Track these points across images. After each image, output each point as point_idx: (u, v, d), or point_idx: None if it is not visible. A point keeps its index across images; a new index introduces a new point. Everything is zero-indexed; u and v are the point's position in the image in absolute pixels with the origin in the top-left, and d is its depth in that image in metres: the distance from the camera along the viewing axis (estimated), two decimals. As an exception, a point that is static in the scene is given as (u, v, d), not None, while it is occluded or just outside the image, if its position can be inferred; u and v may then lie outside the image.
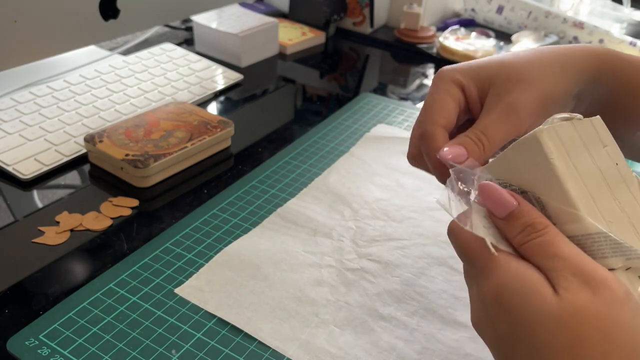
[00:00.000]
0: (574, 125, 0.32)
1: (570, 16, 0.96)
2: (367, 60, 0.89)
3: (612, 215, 0.31)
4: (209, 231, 0.48)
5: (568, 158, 0.31)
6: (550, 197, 0.31)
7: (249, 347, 0.38)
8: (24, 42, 0.53)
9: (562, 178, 0.30)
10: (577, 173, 0.31)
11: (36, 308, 0.40)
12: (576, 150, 0.31)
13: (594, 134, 0.32)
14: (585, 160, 0.31)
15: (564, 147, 0.31)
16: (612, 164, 0.32)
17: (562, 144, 0.31)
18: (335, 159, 0.59)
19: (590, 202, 0.30)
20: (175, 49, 0.77)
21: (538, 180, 0.32)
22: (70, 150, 0.55)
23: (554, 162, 0.30)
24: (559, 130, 0.31)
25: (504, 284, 0.28)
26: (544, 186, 0.31)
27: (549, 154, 0.31)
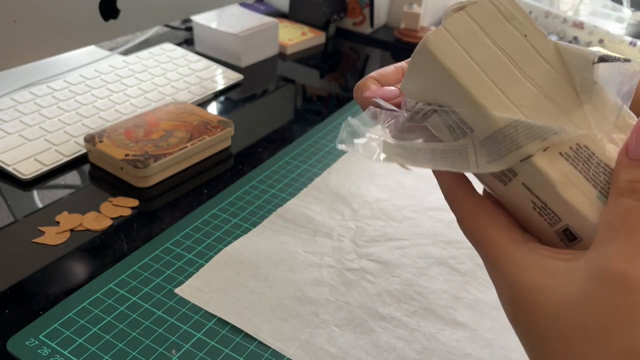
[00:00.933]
0: (467, 13, 0.30)
1: (570, 16, 0.96)
2: (367, 60, 0.89)
3: (524, 98, 0.29)
4: (209, 231, 0.48)
5: (465, 54, 0.29)
6: (459, 104, 0.29)
7: (249, 347, 0.38)
8: (24, 42, 0.53)
9: (463, 81, 0.28)
10: (478, 67, 0.29)
11: (36, 308, 0.40)
12: (473, 41, 0.29)
13: (494, 12, 0.30)
14: (486, 49, 0.29)
15: (458, 44, 0.29)
16: (519, 38, 0.30)
17: (454, 41, 0.29)
18: (335, 159, 0.59)
19: (497, 94, 0.28)
20: (175, 49, 0.77)
21: (444, 89, 0.30)
22: (70, 150, 0.56)
23: (449, 66, 0.29)
24: (449, 27, 0.29)
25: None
26: (451, 94, 0.29)
27: (442, 60, 0.29)
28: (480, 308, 0.42)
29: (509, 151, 0.27)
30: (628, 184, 0.26)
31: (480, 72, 0.29)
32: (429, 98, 0.31)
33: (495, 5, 0.30)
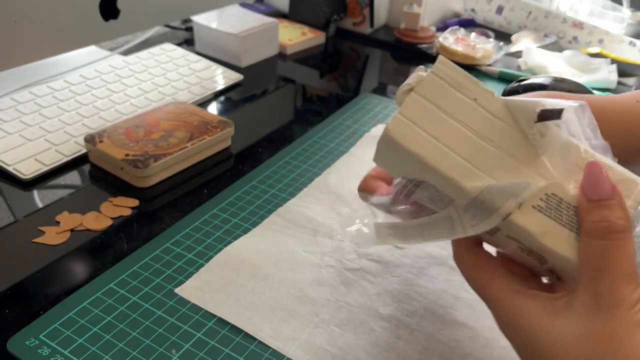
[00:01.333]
0: (417, 93, 0.31)
1: (570, 16, 0.96)
2: (367, 60, 0.89)
3: (488, 162, 0.30)
4: (209, 231, 0.48)
5: (425, 134, 0.30)
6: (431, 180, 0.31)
7: (249, 346, 0.38)
8: (24, 42, 0.53)
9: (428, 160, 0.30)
10: (439, 144, 0.30)
11: (36, 308, 0.40)
12: (429, 119, 0.30)
13: (441, 85, 0.31)
14: (443, 123, 0.30)
15: (416, 126, 0.30)
16: (470, 103, 0.31)
17: (412, 124, 0.30)
18: (335, 159, 0.59)
19: (463, 164, 0.30)
20: (176, 49, 0.77)
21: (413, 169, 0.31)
22: (70, 150, 0.56)
23: (413, 150, 0.30)
24: (405, 113, 0.31)
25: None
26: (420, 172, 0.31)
27: (405, 145, 0.30)
28: (480, 308, 0.42)
29: (490, 214, 0.29)
30: (593, 224, 0.28)
31: (443, 147, 0.30)
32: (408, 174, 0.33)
33: (441, 78, 0.32)
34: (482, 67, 0.84)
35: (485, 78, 0.83)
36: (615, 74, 0.83)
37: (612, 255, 0.27)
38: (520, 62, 0.87)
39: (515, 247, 0.31)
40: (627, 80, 0.87)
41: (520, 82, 0.74)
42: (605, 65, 0.85)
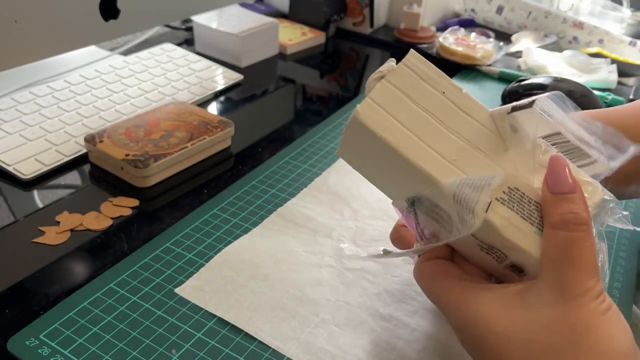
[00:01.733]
0: (387, 81, 0.31)
1: (570, 16, 0.96)
2: (367, 60, 0.89)
3: (454, 152, 0.30)
4: (209, 231, 0.48)
5: (393, 120, 0.31)
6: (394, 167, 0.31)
7: (249, 346, 0.38)
8: (25, 42, 0.53)
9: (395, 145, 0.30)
10: (407, 130, 0.30)
11: (36, 308, 0.40)
12: (398, 106, 0.31)
13: (411, 77, 0.32)
14: (411, 112, 0.31)
15: (385, 112, 0.31)
16: (437, 95, 0.31)
17: (381, 109, 0.31)
18: (335, 159, 0.59)
19: (429, 152, 0.30)
20: (176, 49, 0.77)
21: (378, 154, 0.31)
22: (70, 150, 0.56)
23: (380, 134, 0.30)
24: (374, 97, 0.31)
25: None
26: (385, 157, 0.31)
27: (373, 129, 0.30)
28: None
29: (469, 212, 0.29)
30: (559, 216, 0.28)
31: (410, 134, 0.30)
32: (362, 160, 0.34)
33: (411, 69, 0.32)
34: (482, 67, 0.84)
35: (485, 78, 0.83)
36: (615, 74, 0.83)
37: (578, 246, 0.28)
38: (520, 62, 0.87)
39: (475, 245, 0.31)
40: (627, 80, 0.87)
41: (520, 82, 0.74)
42: (605, 65, 0.85)
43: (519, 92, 0.73)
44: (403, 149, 0.30)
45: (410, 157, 0.30)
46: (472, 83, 0.81)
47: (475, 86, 0.80)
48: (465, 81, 0.81)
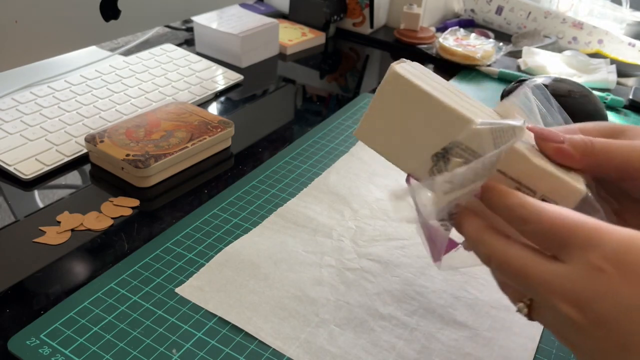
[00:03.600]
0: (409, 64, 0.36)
1: (569, 16, 0.96)
2: (367, 60, 0.89)
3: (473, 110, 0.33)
4: (210, 231, 0.48)
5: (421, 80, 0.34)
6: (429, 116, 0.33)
7: (249, 346, 0.38)
8: (25, 43, 0.53)
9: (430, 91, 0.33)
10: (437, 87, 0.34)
11: (37, 307, 0.40)
12: (421, 77, 0.34)
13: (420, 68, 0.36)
14: (430, 81, 0.34)
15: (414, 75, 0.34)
16: (443, 82, 0.36)
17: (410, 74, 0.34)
18: (335, 159, 0.59)
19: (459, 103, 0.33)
20: (176, 49, 0.77)
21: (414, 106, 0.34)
22: (71, 150, 0.56)
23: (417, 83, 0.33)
24: (398, 69, 0.34)
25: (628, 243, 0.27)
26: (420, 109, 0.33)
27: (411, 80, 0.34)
28: (479, 307, 0.42)
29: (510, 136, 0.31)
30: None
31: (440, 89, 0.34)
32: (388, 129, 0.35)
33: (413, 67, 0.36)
34: (482, 67, 0.84)
35: (485, 78, 0.83)
36: (615, 75, 0.83)
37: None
38: (519, 62, 0.87)
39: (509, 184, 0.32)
40: (626, 80, 0.87)
41: (520, 83, 0.74)
42: (604, 65, 0.85)
43: (518, 93, 0.73)
44: (439, 95, 0.33)
45: (447, 101, 0.32)
46: (472, 83, 0.81)
47: (475, 86, 0.80)
48: (465, 81, 0.81)
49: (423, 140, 0.34)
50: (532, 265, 0.28)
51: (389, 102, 0.35)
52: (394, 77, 0.34)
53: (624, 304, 0.26)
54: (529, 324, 0.39)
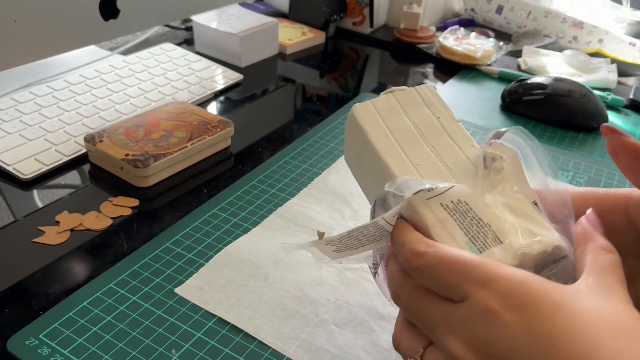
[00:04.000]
0: (394, 96, 0.36)
1: (570, 16, 0.96)
2: (367, 60, 0.89)
3: (421, 159, 0.33)
4: (209, 231, 0.48)
5: (381, 121, 0.34)
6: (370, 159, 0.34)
7: (249, 346, 0.38)
8: (25, 42, 0.53)
9: (372, 139, 0.34)
10: (388, 131, 0.34)
11: (36, 308, 0.40)
12: (391, 114, 0.35)
13: (416, 99, 0.36)
14: (400, 120, 0.34)
15: (377, 114, 0.35)
16: (432, 119, 0.35)
17: (375, 111, 0.35)
18: (335, 159, 0.59)
19: (398, 152, 0.33)
20: (176, 49, 0.77)
21: (362, 146, 0.35)
22: (70, 150, 0.56)
23: (365, 128, 0.34)
24: (375, 103, 0.35)
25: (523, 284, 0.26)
26: (365, 150, 0.34)
27: (360, 123, 0.34)
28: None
29: (400, 199, 0.30)
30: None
31: (390, 135, 0.34)
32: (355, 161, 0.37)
33: (419, 94, 0.36)
34: (482, 67, 0.84)
35: (485, 78, 0.83)
36: (616, 74, 0.83)
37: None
38: (520, 62, 0.87)
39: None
40: (627, 80, 0.87)
41: (521, 82, 0.74)
42: (605, 65, 0.85)
43: (519, 92, 0.73)
44: (376, 142, 0.33)
45: (380, 150, 0.33)
46: (472, 83, 0.81)
47: (475, 86, 0.80)
48: (465, 81, 0.81)
49: (373, 181, 0.35)
50: (434, 304, 0.28)
51: (350, 138, 0.37)
52: (350, 116, 0.35)
53: (515, 344, 0.25)
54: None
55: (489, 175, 0.31)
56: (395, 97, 0.35)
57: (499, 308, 0.25)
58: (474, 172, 0.32)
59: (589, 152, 0.65)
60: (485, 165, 0.32)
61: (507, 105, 0.74)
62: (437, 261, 0.28)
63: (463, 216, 0.30)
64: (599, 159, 0.64)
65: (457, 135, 0.34)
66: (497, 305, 0.25)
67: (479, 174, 0.32)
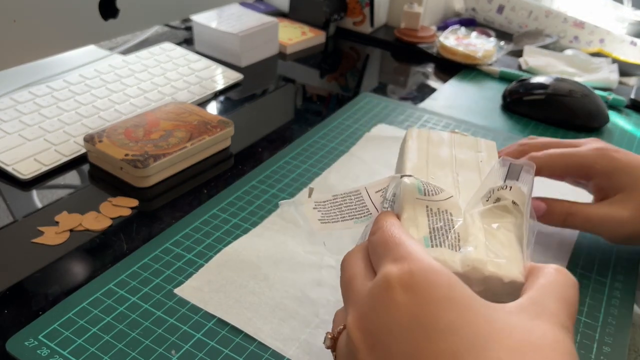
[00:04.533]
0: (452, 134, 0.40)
1: (570, 16, 0.96)
2: (367, 60, 0.89)
3: (438, 175, 0.35)
4: (209, 231, 0.47)
5: (425, 144, 0.38)
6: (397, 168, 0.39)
7: (248, 347, 0.38)
8: (24, 42, 0.53)
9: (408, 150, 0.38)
10: (426, 153, 0.37)
11: (36, 308, 0.40)
12: (439, 144, 0.38)
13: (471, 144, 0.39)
14: (442, 151, 0.37)
15: (427, 139, 0.38)
16: (475, 161, 0.37)
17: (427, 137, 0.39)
18: (335, 159, 0.59)
19: (423, 166, 0.36)
20: (175, 48, 0.77)
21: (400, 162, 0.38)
22: (69, 150, 0.55)
23: (408, 141, 0.38)
24: (431, 132, 0.39)
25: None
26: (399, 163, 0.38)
27: (407, 137, 0.39)
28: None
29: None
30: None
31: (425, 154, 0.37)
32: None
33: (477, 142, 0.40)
34: (483, 66, 0.84)
35: (486, 78, 0.83)
36: (617, 74, 0.82)
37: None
38: (520, 61, 0.87)
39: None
40: (628, 79, 0.86)
41: (521, 82, 0.74)
42: (606, 64, 0.85)
43: (519, 92, 0.72)
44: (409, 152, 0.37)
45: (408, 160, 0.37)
46: (473, 83, 0.81)
47: (476, 86, 0.80)
48: (465, 81, 0.81)
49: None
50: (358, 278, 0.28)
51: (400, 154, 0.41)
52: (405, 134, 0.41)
53: (394, 323, 0.24)
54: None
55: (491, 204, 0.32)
56: (452, 136, 0.39)
57: (396, 285, 0.25)
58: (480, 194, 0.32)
59: (590, 152, 0.65)
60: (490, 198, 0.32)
61: (507, 105, 0.74)
62: (380, 234, 0.28)
63: (439, 220, 0.30)
64: (600, 158, 0.64)
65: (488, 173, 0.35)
66: (395, 281, 0.25)
67: (482, 199, 0.32)
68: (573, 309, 0.26)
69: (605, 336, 0.40)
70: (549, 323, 0.24)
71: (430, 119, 0.68)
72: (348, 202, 0.32)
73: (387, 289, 0.25)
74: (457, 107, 0.73)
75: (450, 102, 0.74)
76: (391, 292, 0.25)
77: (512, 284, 0.28)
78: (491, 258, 0.28)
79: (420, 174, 0.34)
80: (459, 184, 0.34)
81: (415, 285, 0.24)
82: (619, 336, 0.40)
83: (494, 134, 0.65)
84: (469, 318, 0.23)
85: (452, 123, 0.67)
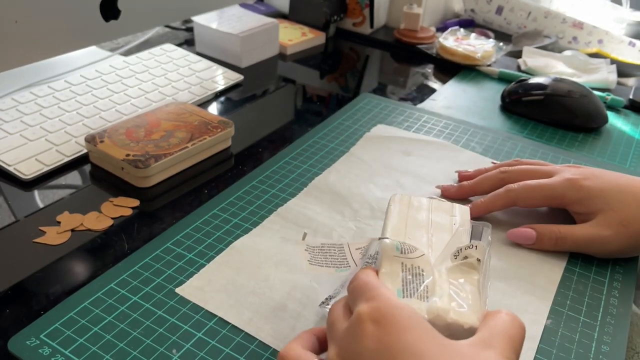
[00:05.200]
0: (430, 200, 0.42)
1: (569, 16, 0.96)
2: (367, 60, 0.89)
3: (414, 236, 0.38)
4: (210, 231, 0.48)
5: (406, 209, 0.41)
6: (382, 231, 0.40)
7: (249, 346, 0.38)
8: (25, 43, 0.53)
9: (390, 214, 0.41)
10: (406, 216, 0.40)
11: (37, 308, 0.40)
12: (419, 209, 0.41)
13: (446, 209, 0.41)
14: (420, 215, 0.41)
15: (407, 204, 0.42)
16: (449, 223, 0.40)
17: (408, 202, 0.42)
18: (335, 159, 0.59)
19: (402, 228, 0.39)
20: (176, 49, 0.77)
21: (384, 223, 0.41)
22: (71, 150, 0.56)
23: (391, 206, 0.42)
24: (413, 198, 0.42)
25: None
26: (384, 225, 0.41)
27: (390, 203, 0.42)
28: (479, 308, 0.42)
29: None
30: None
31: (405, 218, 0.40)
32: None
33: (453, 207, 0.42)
34: (482, 67, 0.84)
35: (485, 78, 0.83)
36: (615, 74, 0.83)
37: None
38: (520, 62, 0.87)
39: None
40: (626, 80, 0.87)
41: (520, 83, 0.74)
42: (604, 65, 0.85)
43: (518, 92, 0.73)
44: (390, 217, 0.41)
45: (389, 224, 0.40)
46: (472, 83, 0.81)
47: (475, 86, 0.80)
48: (465, 81, 0.81)
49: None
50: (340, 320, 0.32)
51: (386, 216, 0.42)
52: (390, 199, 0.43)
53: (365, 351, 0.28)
54: (530, 324, 0.39)
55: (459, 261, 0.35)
56: (431, 201, 0.42)
57: (366, 319, 0.29)
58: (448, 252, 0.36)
59: (589, 152, 0.65)
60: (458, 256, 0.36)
61: (506, 106, 0.74)
62: (357, 282, 0.33)
63: (411, 274, 0.34)
64: (599, 158, 0.64)
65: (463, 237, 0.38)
66: (366, 316, 0.29)
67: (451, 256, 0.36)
68: (518, 345, 0.30)
69: (603, 335, 0.41)
70: (495, 354, 0.28)
71: (429, 120, 0.68)
72: (332, 252, 0.38)
73: (359, 322, 0.30)
74: (456, 107, 0.73)
75: (449, 102, 0.74)
76: (362, 325, 0.29)
77: (471, 330, 0.31)
78: (453, 307, 0.32)
79: (399, 234, 0.39)
80: (432, 243, 0.38)
81: (382, 318, 0.29)
82: (618, 335, 0.41)
83: (493, 134, 0.66)
84: (427, 344, 0.28)
85: (451, 123, 0.67)
